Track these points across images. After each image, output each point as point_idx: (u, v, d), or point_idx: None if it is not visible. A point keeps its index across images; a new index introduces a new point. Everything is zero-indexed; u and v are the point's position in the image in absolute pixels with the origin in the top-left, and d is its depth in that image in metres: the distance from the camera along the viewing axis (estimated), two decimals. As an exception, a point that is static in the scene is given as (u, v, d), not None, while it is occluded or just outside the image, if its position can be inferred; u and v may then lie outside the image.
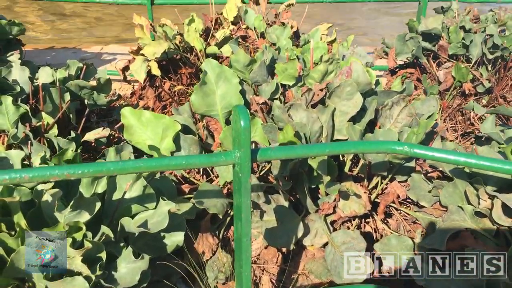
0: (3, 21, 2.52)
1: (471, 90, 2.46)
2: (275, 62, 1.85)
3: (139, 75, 2.38)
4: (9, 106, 1.81)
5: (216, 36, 2.64)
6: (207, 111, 1.71)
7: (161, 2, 2.95)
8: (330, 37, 2.77)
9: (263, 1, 2.91)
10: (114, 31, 4.75)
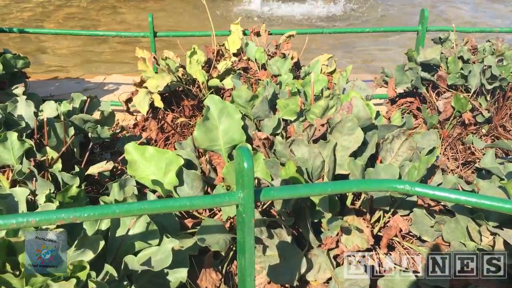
0: (9, 55, 2.57)
1: (471, 120, 2.48)
2: (277, 97, 1.88)
3: (142, 108, 2.41)
4: (14, 141, 1.83)
5: (218, 67, 2.68)
6: (210, 146, 1.73)
7: (163, 35, 3.00)
8: (330, 68, 2.81)
9: (264, 32, 2.96)
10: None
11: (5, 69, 2.58)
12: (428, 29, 3.12)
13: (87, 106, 2.33)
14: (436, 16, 6.99)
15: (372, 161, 1.71)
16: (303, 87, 2.09)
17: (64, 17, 6.73)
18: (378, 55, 5.43)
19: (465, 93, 2.59)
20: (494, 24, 6.66)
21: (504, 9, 7.65)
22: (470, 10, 7.42)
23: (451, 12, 7.27)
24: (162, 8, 7.30)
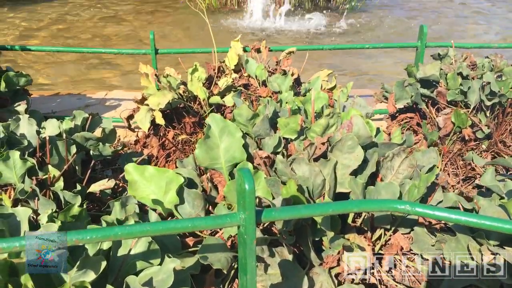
0: (11, 73, 2.59)
1: (471, 136, 2.49)
2: (278, 115, 1.89)
3: (143, 125, 2.43)
4: (16, 160, 1.84)
5: (218, 84, 2.70)
6: (211, 164, 1.74)
7: (165, 51, 3.03)
8: (330, 84, 2.83)
9: (264, 49, 2.98)
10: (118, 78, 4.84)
11: (8, 87, 2.60)
12: (427, 45, 3.14)
13: (88, 123, 2.35)
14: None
15: (372, 179, 1.72)
16: (304, 104, 2.11)
17: (63, 30, 6.80)
18: (379, 68, 5.46)
19: (465, 109, 2.61)
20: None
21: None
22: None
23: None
24: (167, 23, 7.37)
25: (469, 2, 9.93)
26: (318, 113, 2.11)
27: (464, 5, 9.62)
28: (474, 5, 9.61)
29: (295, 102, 2.06)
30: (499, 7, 8.95)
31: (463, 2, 9.92)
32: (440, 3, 9.94)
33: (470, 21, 8.04)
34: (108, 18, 7.88)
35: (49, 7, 8.96)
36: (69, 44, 6.09)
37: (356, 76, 5.19)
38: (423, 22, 7.88)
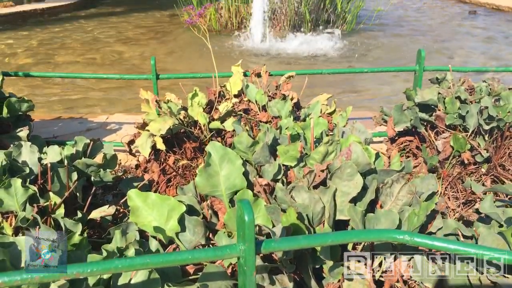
0: (13, 99, 2.62)
1: (470, 160, 2.51)
2: (277, 142, 1.91)
3: (144, 150, 2.44)
4: (18, 188, 1.85)
5: (219, 109, 2.73)
6: (212, 191, 1.75)
7: (166, 76, 3.06)
8: (330, 108, 2.85)
9: (264, 73, 3.02)
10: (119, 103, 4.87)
11: (10, 113, 2.63)
12: (425, 69, 3.18)
13: (90, 149, 2.37)
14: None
15: (372, 206, 1.73)
16: (303, 130, 2.13)
17: (63, 53, 6.87)
18: (378, 89, 5.49)
19: (464, 132, 2.63)
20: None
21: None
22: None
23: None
24: (167, 50, 7.46)
25: (468, 24, 10.05)
26: (318, 139, 2.12)
27: (462, 26, 9.73)
28: (474, 26, 9.73)
29: (294, 128, 2.08)
30: (498, 31, 9.06)
31: (461, 23, 10.05)
32: (438, 23, 10.06)
33: (468, 41, 8.13)
34: (112, 41, 7.97)
35: (44, 29, 9.09)
36: (69, 68, 6.15)
37: (355, 94, 5.21)
38: (422, 42, 7.99)
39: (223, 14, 9.65)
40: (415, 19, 10.94)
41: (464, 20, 10.69)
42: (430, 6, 13.82)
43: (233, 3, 9.46)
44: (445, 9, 13.09)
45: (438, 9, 13.09)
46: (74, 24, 9.92)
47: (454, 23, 10.25)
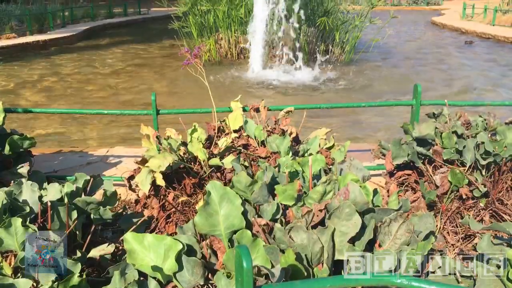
0: (16, 136, 2.65)
1: (468, 195, 2.52)
2: (276, 180, 1.93)
3: (144, 186, 2.46)
4: (18, 227, 1.86)
5: (218, 144, 2.75)
6: (211, 231, 1.76)
7: (166, 112, 3.10)
8: (328, 142, 2.88)
9: (263, 109, 3.06)
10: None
11: (12, 149, 2.65)
12: (422, 103, 3.22)
13: (90, 186, 2.38)
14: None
15: (371, 245, 1.73)
16: (302, 167, 2.15)
17: (60, 88, 6.95)
18: (376, 118, 5.53)
19: (461, 167, 2.65)
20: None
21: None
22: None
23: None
24: (167, 81, 7.55)
25: (465, 53, 10.20)
26: (316, 175, 2.14)
27: (459, 55, 9.87)
28: (471, 55, 9.87)
29: (293, 165, 2.10)
30: (493, 62, 9.18)
31: (458, 53, 10.19)
32: (435, 53, 10.21)
33: (465, 71, 8.23)
34: (107, 75, 8.07)
35: (45, 60, 9.21)
36: (69, 100, 6.21)
37: (354, 124, 5.25)
38: (420, 71, 8.09)
39: (223, 45, 9.81)
40: (412, 49, 11.11)
41: (461, 50, 10.85)
42: (427, 35, 14.05)
43: (232, 34, 9.62)
44: (442, 39, 13.31)
45: (435, 39, 13.30)
46: (74, 56, 10.06)
47: (451, 53, 10.40)
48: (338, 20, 9.87)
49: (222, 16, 9.48)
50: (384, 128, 5.17)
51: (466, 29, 13.97)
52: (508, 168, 2.57)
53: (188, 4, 9.63)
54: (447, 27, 15.51)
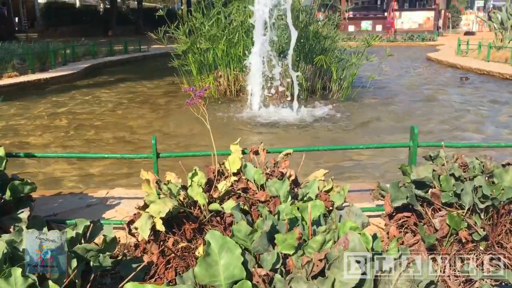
0: (16, 182, 2.67)
1: (468, 238, 2.52)
2: (276, 229, 1.94)
3: (143, 232, 2.46)
4: (18, 277, 1.86)
5: (218, 187, 2.77)
6: (211, 281, 1.75)
7: (166, 155, 3.14)
8: (327, 185, 2.90)
9: (262, 151, 3.09)
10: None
11: (12, 195, 2.67)
12: (419, 145, 3.26)
13: (90, 231, 2.39)
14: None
15: (371, 295, 1.73)
16: (301, 212, 2.16)
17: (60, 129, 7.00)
18: (375, 155, 5.56)
19: (460, 210, 2.66)
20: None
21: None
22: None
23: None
24: (167, 120, 7.62)
25: (461, 89, 10.33)
26: (316, 221, 2.16)
27: (455, 92, 10.00)
28: (466, 92, 10.00)
29: (292, 211, 2.12)
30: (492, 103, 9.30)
31: (454, 89, 10.33)
32: (431, 89, 10.34)
33: (462, 107, 8.32)
34: (107, 114, 8.14)
35: (46, 99, 9.31)
36: (68, 142, 6.25)
37: (352, 162, 5.27)
38: (415, 109, 8.18)
39: (222, 82, 9.94)
40: (408, 85, 11.27)
41: (457, 86, 11.01)
42: (424, 72, 14.27)
43: (231, 71, 9.77)
44: (438, 75, 13.51)
45: (431, 75, 13.51)
46: (75, 94, 10.18)
47: (447, 89, 10.54)
48: (335, 57, 10.06)
49: (221, 54, 9.64)
50: (382, 164, 5.19)
51: (461, 65, 14.20)
52: (506, 211, 2.59)
53: (187, 43, 9.81)
54: (442, 63, 15.77)
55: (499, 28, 17.57)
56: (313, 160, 4.95)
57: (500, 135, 6.36)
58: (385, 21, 34.52)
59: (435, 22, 34.67)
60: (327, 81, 9.95)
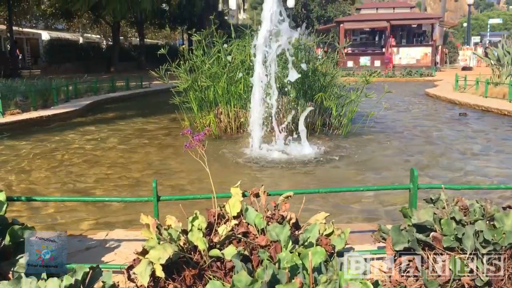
0: (16, 227, 2.67)
1: (470, 284, 2.50)
2: (276, 278, 1.93)
3: (143, 278, 2.44)
4: (15, 329, 1.84)
5: (219, 231, 2.77)
6: (211, 334, 1.73)
7: (167, 198, 3.14)
8: (328, 228, 2.89)
9: (262, 194, 3.09)
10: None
11: (12, 240, 2.66)
12: (419, 187, 3.27)
13: (89, 278, 2.37)
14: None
15: None
16: (302, 259, 2.15)
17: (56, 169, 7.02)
18: (376, 195, 5.54)
19: (462, 254, 2.64)
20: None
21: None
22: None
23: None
24: (167, 159, 7.64)
25: (460, 126, 10.40)
26: (317, 267, 2.15)
27: (454, 128, 10.06)
28: (466, 128, 10.06)
29: (293, 258, 2.11)
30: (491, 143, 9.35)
31: (453, 126, 10.39)
32: (430, 126, 10.40)
33: (461, 145, 8.35)
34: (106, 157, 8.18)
35: (47, 137, 9.37)
36: (67, 185, 6.24)
37: (353, 202, 5.25)
38: (414, 146, 8.21)
39: (223, 119, 10.01)
40: (407, 121, 11.35)
41: (456, 122, 11.07)
42: (422, 107, 14.39)
43: (232, 108, 9.86)
44: (436, 111, 13.63)
45: (430, 111, 13.62)
46: (76, 131, 10.24)
47: (446, 125, 10.60)
48: (335, 93, 10.17)
49: (222, 91, 9.75)
50: (383, 201, 5.17)
51: (459, 101, 14.32)
52: (508, 255, 2.57)
53: (188, 81, 9.94)
54: (441, 99, 15.91)
55: (496, 64, 17.82)
56: (314, 200, 4.94)
57: (501, 173, 6.36)
58: (383, 56, 35.01)
59: (432, 57, 35.16)
60: (326, 118, 10.03)
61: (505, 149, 7.89)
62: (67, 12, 34.01)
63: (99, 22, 39.85)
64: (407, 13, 37.83)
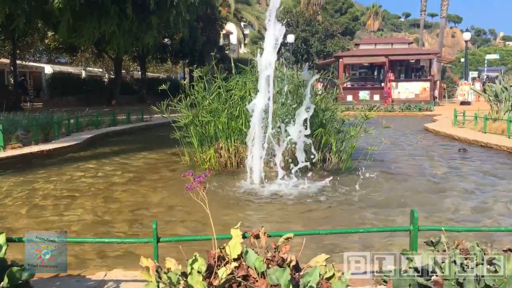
0: (15, 268, 2.65)
1: (473, 330, 2.47)
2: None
3: (142, 324, 2.42)
4: None
5: (218, 274, 2.75)
6: None
7: (167, 240, 3.14)
8: (328, 271, 2.88)
9: (263, 236, 3.09)
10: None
11: (10, 282, 2.64)
12: (419, 229, 3.26)
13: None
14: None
15: None
16: (303, 306, 2.14)
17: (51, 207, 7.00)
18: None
19: (464, 298, 2.62)
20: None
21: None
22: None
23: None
24: (167, 195, 7.63)
25: (459, 162, 10.42)
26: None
27: (454, 165, 10.08)
28: (465, 165, 10.08)
29: (294, 305, 2.09)
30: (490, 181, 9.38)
31: (452, 162, 10.41)
32: (429, 161, 10.43)
33: (461, 182, 8.35)
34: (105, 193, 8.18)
35: (47, 171, 9.36)
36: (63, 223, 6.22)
37: (353, 237, 5.22)
38: (413, 182, 8.21)
39: (223, 154, 10.04)
40: (407, 157, 11.38)
41: (456, 158, 11.10)
42: (422, 143, 14.46)
43: (232, 143, 9.90)
44: (436, 146, 13.68)
45: (430, 146, 13.67)
46: (76, 166, 10.24)
47: (446, 161, 10.62)
48: (334, 128, 10.24)
49: (222, 126, 9.83)
50: (383, 239, 5.14)
51: (458, 136, 14.39)
52: (511, 301, 2.55)
53: (189, 116, 10.04)
54: (440, 134, 15.99)
55: (494, 100, 17.99)
56: (314, 238, 4.91)
57: (503, 213, 6.34)
58: (383, 91, 35.41)
59: (431, 92, 35.55)
60: (326, 153, 10.06)
61: (508, 187, 7.88)
62: (70, 47, 34.56)
63: (102, 56, 40.44)
64: (405, 49, 38.52)
